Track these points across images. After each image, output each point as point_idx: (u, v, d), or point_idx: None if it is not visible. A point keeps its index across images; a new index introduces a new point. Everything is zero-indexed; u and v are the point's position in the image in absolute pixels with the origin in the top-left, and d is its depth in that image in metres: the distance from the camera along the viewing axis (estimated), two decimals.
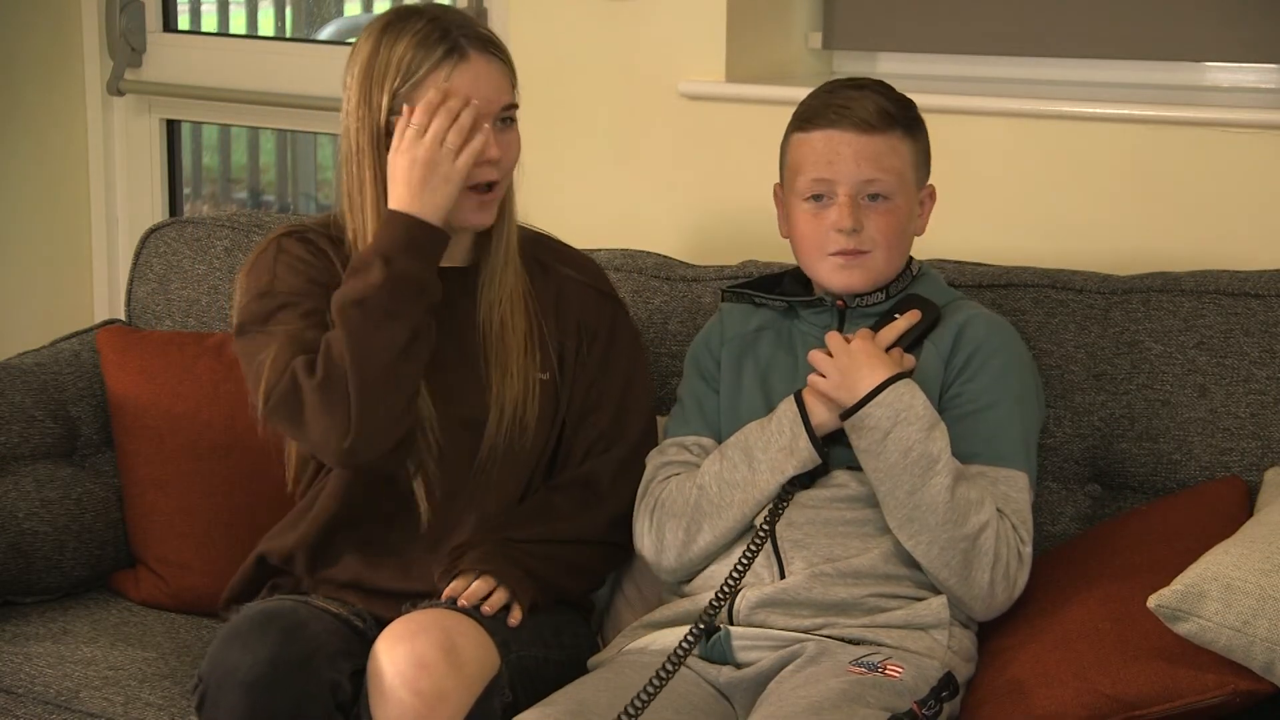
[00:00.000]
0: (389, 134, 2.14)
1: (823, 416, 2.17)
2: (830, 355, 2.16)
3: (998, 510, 2.11)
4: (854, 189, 2.18)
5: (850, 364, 2.14)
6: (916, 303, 2.23)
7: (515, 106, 2.20)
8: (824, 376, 2.16)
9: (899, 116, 2.20)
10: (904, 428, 2.09)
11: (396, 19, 2.16)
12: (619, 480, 2.29)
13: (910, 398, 2.11)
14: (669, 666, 2.02)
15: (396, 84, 2.12)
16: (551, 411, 2.28)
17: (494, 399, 2.22)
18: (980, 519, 2.09)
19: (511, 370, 2.22)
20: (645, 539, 2.26)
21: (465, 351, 2.23)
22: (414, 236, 2.09)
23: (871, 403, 2.11)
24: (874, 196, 2.19)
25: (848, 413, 2.12)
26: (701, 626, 2.10)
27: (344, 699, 2.04)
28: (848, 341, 2.16)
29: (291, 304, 2.16)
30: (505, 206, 2.23)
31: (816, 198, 2.21)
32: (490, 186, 2.18)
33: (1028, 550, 2.13)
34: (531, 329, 2.25)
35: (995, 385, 2.17)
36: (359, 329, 2.06)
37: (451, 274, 2.21)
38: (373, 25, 2.17)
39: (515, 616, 2.13)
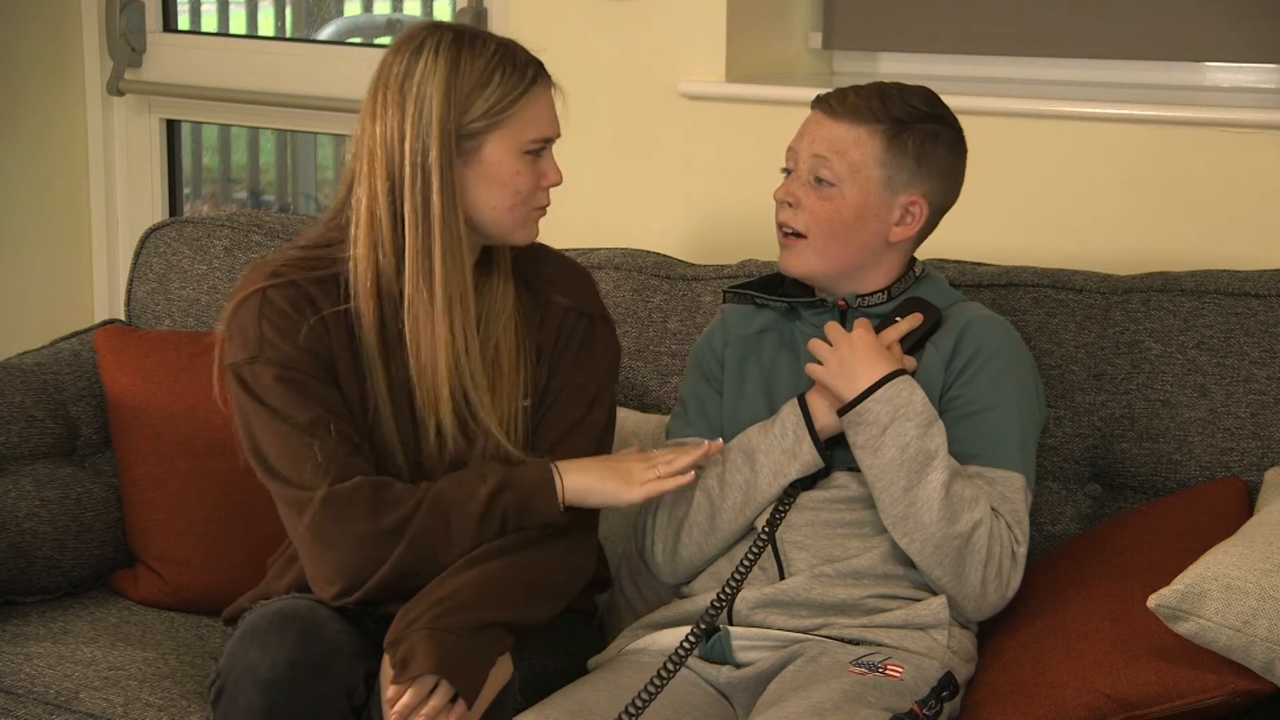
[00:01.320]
0: (459, 155, 2.10)
1: (826, 419, 2.17)
2: (830, 345, 2.16)
3: (992, 510, 2.11)
4: (806, 166, 2.20)
5: (851, 355, 2.14)
6: (918, 305, 2.23)
7: None
8: (822, 365, 2.16)
9: (883, 114, 2.18)
10: (902, 423, 2.09)
11: (466, 38, 2.11)
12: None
13: (910, 394, 2.11)
14: (669, 667, 2.02)
15: (493, 102, 2.10)
16: (530, 441, 2.20)
17: (480, 430, 2.15)
18: (974, 517, 2.09)
19: (502, 392, 2.16)
20: (647, 540, 2.26)
21: None
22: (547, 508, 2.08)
23: (871, 398, 2.11)
24: (820, 180, 2.19)
25: (847, 407, 2.13)
26: (702, 627, 2.10)
27: (359, 702, 2.04)
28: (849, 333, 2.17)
29: (291, 379, 2.10)
30: None
31: (786, 171, 2.23)
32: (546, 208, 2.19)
33: (1022, 551, 2.13)
34: (519, 351, 2.19)
35: (994, 388, 2.17)
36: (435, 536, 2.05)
37: None
38: (438, 40, 2.11)
39: (459, 711, 1.97)
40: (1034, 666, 2.00)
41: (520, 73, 2.12)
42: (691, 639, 2.08)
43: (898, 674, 2.01)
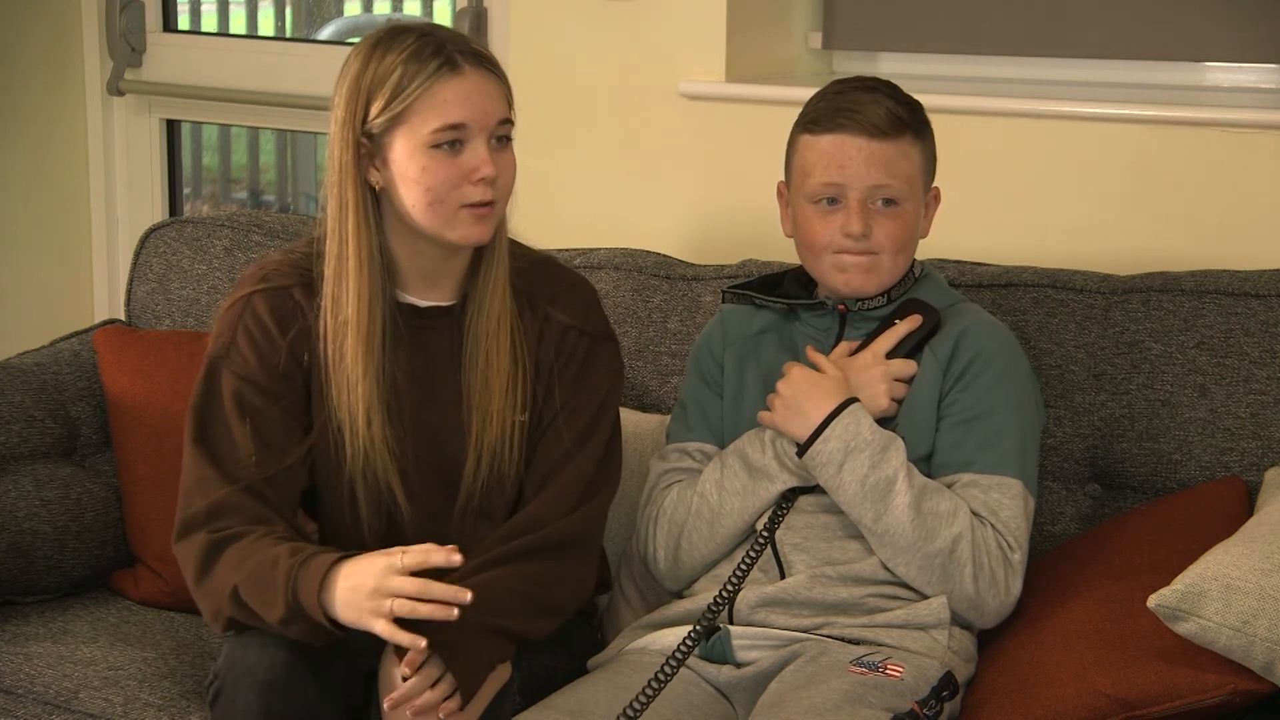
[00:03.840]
0: (373, 153, 2.07)
1: None
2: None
3: (978, 518, 2.10)
4: (865, 194, 2.17)
5: (793, 395, 2.15)
6: (917, 307, 2.22)
7: (511, 123, 2.10)
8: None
9: (909, 120, 2.18)
10: (855, 456, 2.09)
11: (387, 36, 2.08)
12: (568, 520, 2.14)
13: (856, 425, 2.11)
14: (669, 668, 2.02)
15: (387, 99, 2.04)
16: (528, 456, 2.20)
17: (472, 444, 2.15)
18: (953, 531, 2.08)
19: (491, 412, 2.14)
20: (649, 546, 2.26)
21: (446, 394, 2.17)
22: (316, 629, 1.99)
23: (819, 438, 2.11)
24: (886, 201, 2.18)
25: (801, 449, 2.13)
26: (702, 627, 2.10)
27: (357, 702, 2.04)
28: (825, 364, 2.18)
29: (244, 401, 2.11)
30: (497, 233, 2.15)
31: (830, 200, 2.19)
32: (487, 205, 2.09)
33: (1017, 557, 2.12)
34: (515, 366, 2.16)
35: (991, 393, 2.16)
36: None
37: (436, 313, 2.17)
38: (362, 42, 2.10)
39: (450, 707, 1.98)
40: (1034, 666, 2.00)
41: (423, 64, 2.04)
42: (692, 639, 2.08)
43: (898, 674, 2.01)
